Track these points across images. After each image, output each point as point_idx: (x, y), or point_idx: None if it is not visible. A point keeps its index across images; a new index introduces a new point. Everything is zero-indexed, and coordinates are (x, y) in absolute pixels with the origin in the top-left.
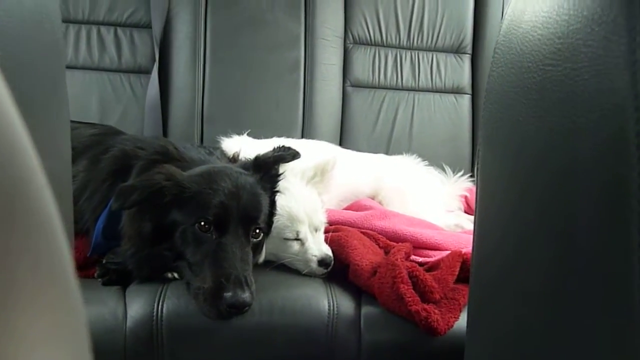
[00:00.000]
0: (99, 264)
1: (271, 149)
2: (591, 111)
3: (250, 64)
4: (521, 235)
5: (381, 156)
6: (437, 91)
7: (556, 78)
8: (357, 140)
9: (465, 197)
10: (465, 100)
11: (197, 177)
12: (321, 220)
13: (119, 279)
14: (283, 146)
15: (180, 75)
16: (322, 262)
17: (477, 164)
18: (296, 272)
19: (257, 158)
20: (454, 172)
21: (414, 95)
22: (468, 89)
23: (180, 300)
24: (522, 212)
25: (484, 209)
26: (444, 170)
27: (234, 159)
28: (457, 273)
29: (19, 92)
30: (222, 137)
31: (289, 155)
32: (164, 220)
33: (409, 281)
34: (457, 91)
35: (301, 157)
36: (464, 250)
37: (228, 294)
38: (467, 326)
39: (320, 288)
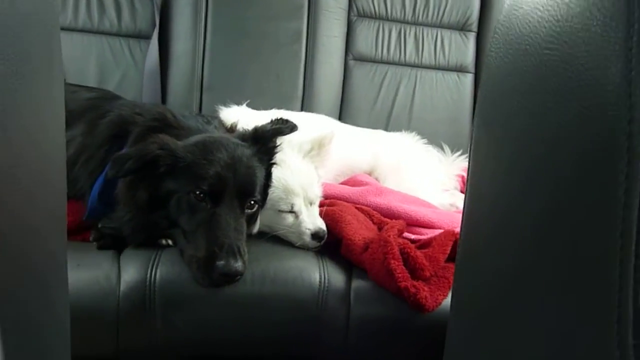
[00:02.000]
0: (94, 228)
1: (269, 120)
2: (585, 98)
3: (252, 33)
4: (505, 212)
5: (380, 132)
6: (440, 68)
7: (553, 62)
8: (356, 115)
9: (462, 177)
10: (468, 79)
11: (193, 147)
12: (316, 194)
13: (114, 244)
14: (281, 119)
15: (180, 42)
16: (315, 235)
17: (471, 142)
18: (289, 244)
19: (255, 129)
20: (452, 152)
21: (416, 71)
22: (471, 67)
23: (173, 266)
24: (508, 190)
25: (473, 185)
26: (442, 149)
27: (232, 129)
28: (448, 252)
29: (12, 49)
30: (220, 107)
31: (287, 127)
32: (159, 188)
33: (400, 257)
34: (460, 69)
35: (299, 130)
36: (456, 230)
37: (221, 263)
38: (451, 298)
39: (313, 260)
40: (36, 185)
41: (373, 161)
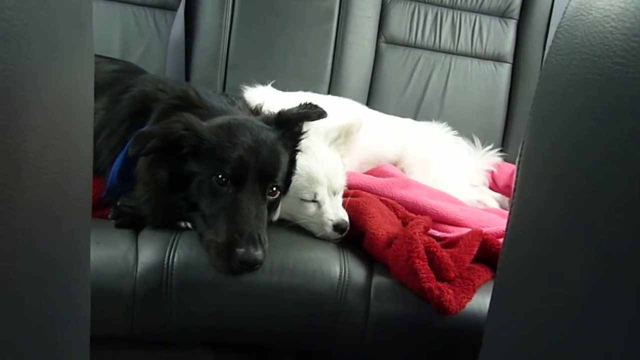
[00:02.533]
0: (113, 206)
1: (297, 104)
2: None
3: (281, 10)
4: (558, 227)
5: (409, 121)
6: (476, 56)
7: (623, 79)
8: (385, 101)
9: (492, 173)
10: (505, 69)
11: (217, 129)
12: (340, 184)
13: (132, 223)
14: (310, 103)
15: (207, 16)
16: (337, 226)
17: (521, 149)
18: (310, 235)
19: (280, 113)
20: (483, 145)
21: (451, 58)
22: (509, 57)
23: (192, 250)
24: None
25: (523, 194)
26: (473, 141)
27: (257, 112)
28: (475, 253)
29: (43, 19)
30: (245, 86)
31: (315, 113)
32: (181, 169)
33: (425, 256)
34: (497, 59)
35: (327, 117)
36: (484, 230)
37: (240, 250)
38: (489, 312)
39: (333, 253)
40: (67, 154)
41: (400, 151)
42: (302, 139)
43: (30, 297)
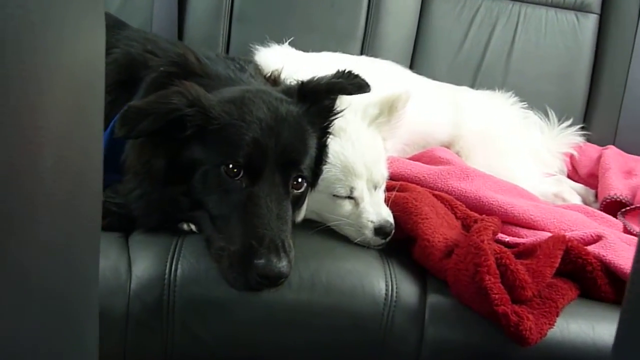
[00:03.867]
0: None
1: (328, 70)
2: None
3: None
4: None
5: (465, 90)
6: (552, 5)
7: None
8: (434, 63)
9: (571, 157)
10: (591, 21)
11: (227, 104)
12: (383, 175)
13: (121, 225)
14: (348, 72)
15: None
16: (380, 230)
17: None
18: (346, 240)
19: (305, 83)
20: (560, 121)
21: (519, 8)
22: (596, 6)
23: (198, 261)
24: None
25: None
26: (547, 116)
27: (274, 80)
28: (557, 265)
29: None
30: (256, 46)
31: (353, 85)
32: (182, 156)
33: (497, 271)
34: (580, 8)
35: (370, 91)
36: (567, 235)
37: (260, 261)
38: (615, 349)
39: (376, 264)
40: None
41: (454, 130)
42: (335, 117)
43: (37, 331)
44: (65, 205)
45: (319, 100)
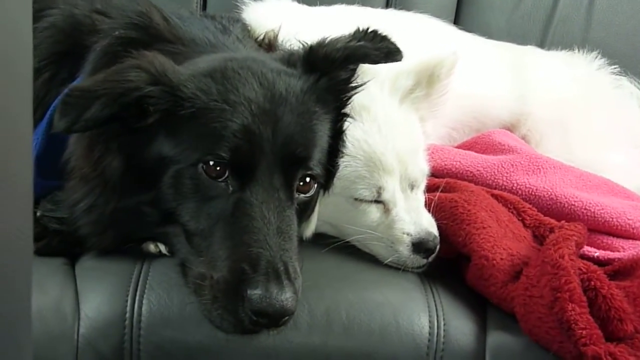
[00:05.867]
0: None
1: (345, 31)
2: None
3: None
4: None
5: (532, 51)
6: None
7: None
8: (488, 17)
9: None
10: None
11: (204, 79)
12: (422, 170)
13: (64, 247)
14: (373, 32)
15: None
16: (419, 245)
17: None
18: (373, 260)
19: (314, 48)
20: None
21: None
22: None
23: (170, 294)
24: None
25: None
26: None
27: (269, 44)
28: None
29: None
30: None
31: (379, 50)
32: (145, 153)
33: (584, 298)
34: None
35: (403, 58)
36: None
37: (255, 292)
38: None
39: (416, 293)
40: None
41: (518, 106)
42: (354, 93)
43: None
44: None
45: (331, 70)
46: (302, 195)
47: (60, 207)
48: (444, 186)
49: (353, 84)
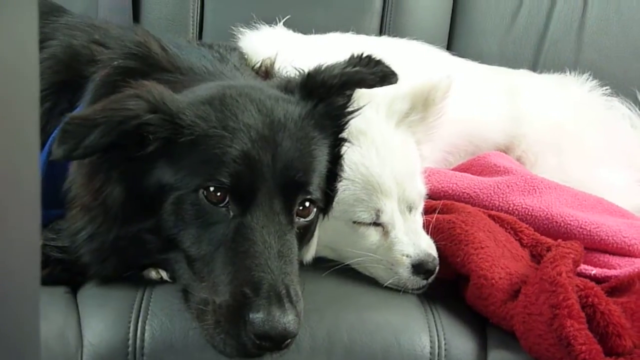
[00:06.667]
0: None
1: (340, 58)
2: None
3: None
4: None
5: (524, 74)
6: None
7: None
8: (480, 42)
9: None
10: None
11: (203, 107)
12: (420, 192)
13: (66, 276)
14: (368, 57)
15: None
16: (419, 266)
17: None
18: (373, 282)
19: (312, 75)
20: None
21: None
22: None
23: (172, 320)
24: None
25: None
26: (638, 104)
27: (266, 72)
28: None
29: None
30: (240, 28)
31: (375, 75)
32: (146, 181)
33: (582, 314)
34: None
35: (398, 81)
36: None
37: (257, 316)
38: None
39: (416, 314)
40: None
41: (513, 128)
42: (351, 117)
43: None
44: None
45: (329, 96)
46: (301, 219)
47: (62, 236)
48: (441, 208)
49: (350, 109)
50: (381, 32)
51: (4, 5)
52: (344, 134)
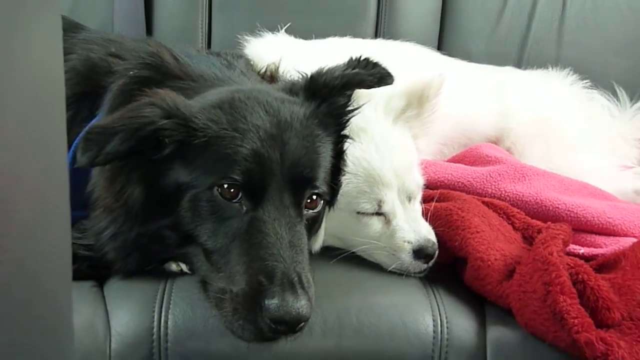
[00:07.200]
0: None
1: (339, 61)
2: None
3: None
4: None
5: (510, 71)
6: None
7: None
8: (467, 42)
9: None
10: None
11: (214, 110)
12: (418, 183)
13: (92, 271)
14: (365, 59)
15: None
16: (419, 252)
17: None
18: (378, 268)
19: (314, 77)
20: (632, 99)
21: None
22: None
23: (193, 309)
24: None
25: None
26: (616, 96)
27: (271, 77)
28: None
29: None
30: (245, 37)
31: (373, 76)
32: (163, 181)
33: (573, 290)
34: None
35: (394, 82)
36: None
37: (272, 302)
38: None
39: (419, 295)
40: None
41: (501, 121)
42: (352, 115)
43: None
44: (18, 260)
45: (331, 97)
46: (310, 211)
47: (87, 234)
48: (438, 197)
49: (350, 108)
50: (376, 36)
51: (34, 22)
52: (346, 131)
